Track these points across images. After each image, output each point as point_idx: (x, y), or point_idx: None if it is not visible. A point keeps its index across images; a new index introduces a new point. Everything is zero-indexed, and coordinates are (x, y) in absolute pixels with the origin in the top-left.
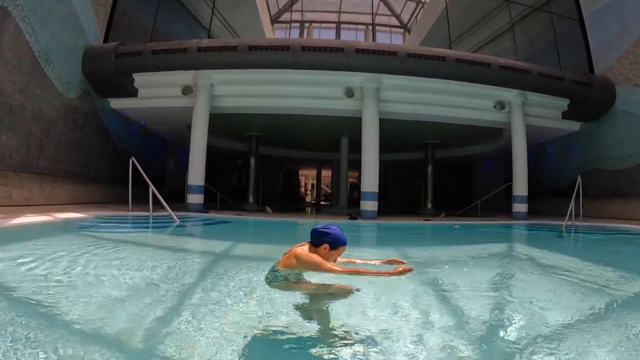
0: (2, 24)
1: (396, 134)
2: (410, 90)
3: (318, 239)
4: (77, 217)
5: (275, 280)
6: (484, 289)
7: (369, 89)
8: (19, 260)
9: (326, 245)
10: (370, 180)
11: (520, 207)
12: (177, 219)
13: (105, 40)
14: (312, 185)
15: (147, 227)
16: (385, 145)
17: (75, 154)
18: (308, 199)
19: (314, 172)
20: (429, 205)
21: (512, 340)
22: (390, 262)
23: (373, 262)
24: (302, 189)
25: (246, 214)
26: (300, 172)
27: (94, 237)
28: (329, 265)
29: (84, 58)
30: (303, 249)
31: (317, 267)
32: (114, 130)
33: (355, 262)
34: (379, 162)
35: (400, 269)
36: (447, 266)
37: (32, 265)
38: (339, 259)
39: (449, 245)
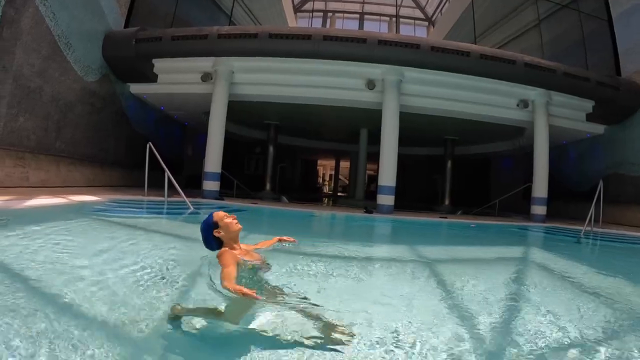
0: (22, 7)
1: (416, 128)
2: (432, 85)
3: (212, 241)
4: (91, 200)
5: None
6: (491, 294)
7: (390, 82)
8: (27, 243)
9: (215, 232)
10: (388, 174)
11: (539, 210)
12: (191, 206)
13: (126, 26)
14: (330, 176)
15: (161, 213)
16: (404, 139)
17: (93, 137)
18: (325, 189)
19: (332, 163)
20: (446, 202)
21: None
22: (280, 240)
23: (259, 244)
24: (320, 180)
25: (262, 202)
26: (319, 162)
27: (106, 221)
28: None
29: (104, 43)
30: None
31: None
32: (132, 115)
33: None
34: (397, 155)
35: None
36: (457, 268)
37: (39, 248)
38: None
39: (463, 245)
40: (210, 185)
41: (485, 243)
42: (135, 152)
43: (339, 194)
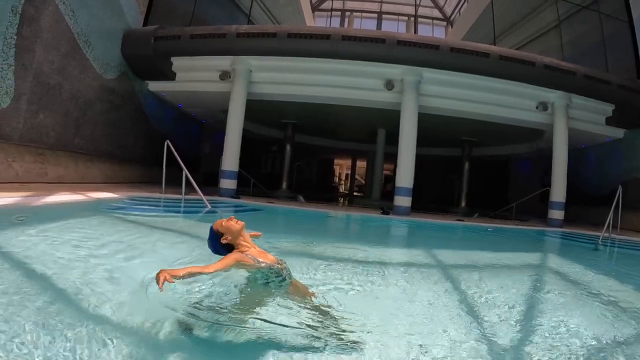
0: (41, 5)
1: (433, 129)
2: (451, 86)
3: (219, 247)
4: (109, 197)
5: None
6: (504, 303)
7: (409, 82)
8: (44, 241)
9: (223, 238)
10: (405, 175)
11: (557, 214)
12: (208, 204)
13: (145, 24)
14: (347, 175)
15: (177, 211)
16: (421, 139)
17: (111, 134)
18: (342, 189)
19: (349, 162)
20: (463, 204)
21: None
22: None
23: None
24: (337, 179)
25: (278, 201)
26: (336, 161)
27: (122, 219)
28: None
29: (123, 41)
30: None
31: None
32: (150, 112)
33: None
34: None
35: None
36: (472, 274)
37: (56, 245)
38: None
39: (479, 250)
40: (227, 184)
41: (501, 248)
42: (153, 149)
43: (354, 193)
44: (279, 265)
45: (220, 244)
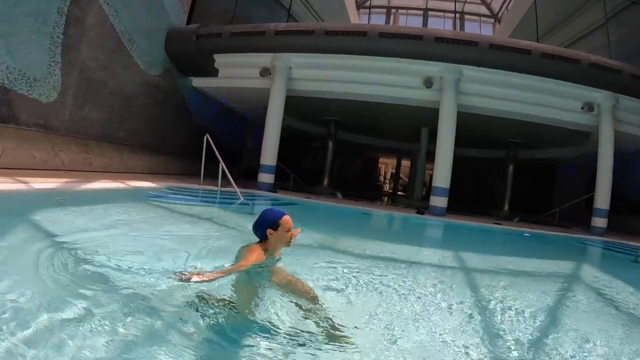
0: (86, 6)
1: (476, 129)
2: (492, 84)
3: (260, 232)
4: (147, 186)
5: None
6: (519, 313)
7: (448, 80)
8: (79, 220)
9: (269, 230)
10: (442, 175)
11: (600, 222)
12: (241, 197)
13: (189, 22)
14: (392, 174)
15: (210, 202)
16: (463, 140)
17: (154, 128)
18: (386, 188)
19: (394, 162)
20: (505, 207)
21: None
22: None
23: None
24: (381, 178)
25: (315, 197)
26: (380, 160)
27: (157, 206)
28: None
29: (166, 39)
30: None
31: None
32: (194, 108)
33: None
34: (455, 156)
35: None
36: (493, 279)
37: (89, 226)
38: None
39: (511, 255)
40: (265, 178)
41: (535, 254)
42: (195, 143)
43: (399, 193)
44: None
45: (264, 230)
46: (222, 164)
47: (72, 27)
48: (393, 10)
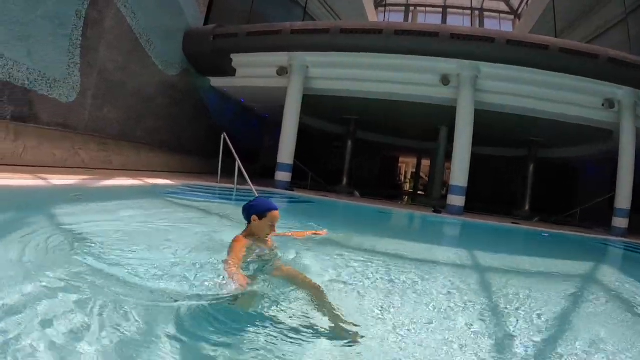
0: (104, 9)
1: (495, 127)
2: (510, 81)
3: (246, 215)
4: (164, 183)
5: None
6: (538, 316)
7: (465, 77)
8: (91, 214)
9: (254, 217)
10: (459, 174)
11: (620, 222)
12: (256, 194)
13: (206, 23)
14: (412, 174)
15: (225, 199)
16: (482, 138)
17: (172, 127)
18: (406, 187)
19: (414, 161)
20: (526, 207)
21: None
22: (314, 234)
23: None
24: (401, 177)
25: (331, 195)
26: (401, 159)
27: (172, 202)
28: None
29: (184, 40)
30: (236, 238)
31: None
32: (212, 107)
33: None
34: (474, 155)
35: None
36: (502, 278)
37: (103, 219)
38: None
39: (527, 255)
40: (282, 176)
41: (551, 255)
42: (213, 141)
43: (419, 192)
44: (270, 249)
45: (250, 215)
46: (238, 163)
47: (91, 29)
48: (411, 8)
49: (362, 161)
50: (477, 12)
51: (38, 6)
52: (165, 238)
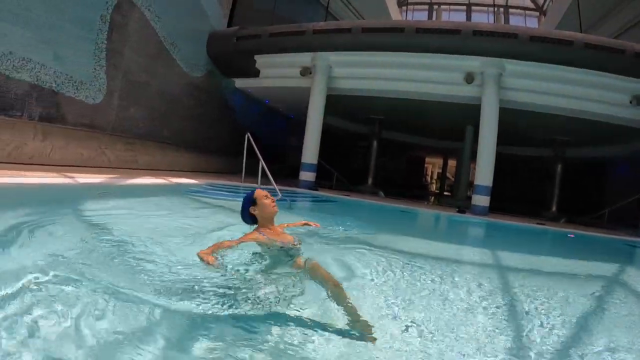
0: (128, 13)
1: (521, 126)
2: (535, 78)
3: (245, 215)
4: (189, 182)
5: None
6: (558, 315)
7: (489, 75)
8: (114, 208)
9: (251, 208)
10: (484, 173)
11: None
12: (279, 193)
13: (230, 25)
14: (439, 174)
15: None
16: (511, 138)
17: (198, 128)
18: (433, 187)
19: (440, 161)
20: (553, 208)
21: None
22: (305, 224)
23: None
24: (428, 178)
25: (355, 195)
26: (427, 159)
27: (195, 199)
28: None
29: (208, 42)
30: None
31: None
32: (237, 107)
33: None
34: (500, 154)
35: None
36: (519, 279)
37: (125, 214)
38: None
39: (548, 255)
40: (306, 176)
41: (574, 256)
42: (238, 142)
43: (445, 193)
44: (293, 245)
45: (248, 213)
46: (261, 162)
47: (115, 33)
48: (435, 6)
49: (387, 161)
50: (501, 9)
51: (64, 11)
52: (187, 233)
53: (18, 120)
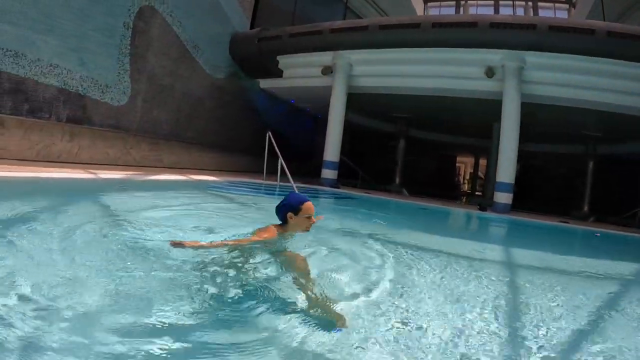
0: (150, 19)
1: (548, 122)
2: (558, 70)
3: (281, 214)
4: (210, 179)
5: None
6: (572, 314)
7: (510, 68)
8: (134, 201)
9: (290, 214)
10: (506, 170)
11: None
12: (296, 190)
13: (252, 27)
14: (471, 174)
15: (269, 194)
16: (538, 134)
17: (221, 128)
18: (465, 187)
19: (472, 160)
20: (585, 207)
21: None
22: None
23: None
24: (460, 177)
25: (378, 193)
26: (458, 158)
27: (214, 194)
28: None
29: (230, 44)
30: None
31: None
32: (261, 108)
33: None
34: (524, 152)
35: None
36: (547, 278)
37: (144, 205)
38: None
39: (567, 254)
40: (328, 174)
41: (595, 255)
42: (262, 141)
43: (476, 193)
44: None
45: (285, 214)
46: (280, 160)
47: (138, 38)
48: (462, 2)
49: (415, 160)
50: (530, 3)
51: (89, 20)
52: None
53: (46, 122)
